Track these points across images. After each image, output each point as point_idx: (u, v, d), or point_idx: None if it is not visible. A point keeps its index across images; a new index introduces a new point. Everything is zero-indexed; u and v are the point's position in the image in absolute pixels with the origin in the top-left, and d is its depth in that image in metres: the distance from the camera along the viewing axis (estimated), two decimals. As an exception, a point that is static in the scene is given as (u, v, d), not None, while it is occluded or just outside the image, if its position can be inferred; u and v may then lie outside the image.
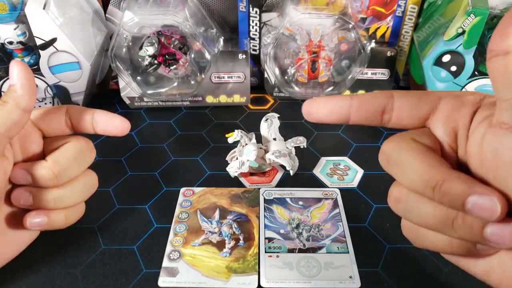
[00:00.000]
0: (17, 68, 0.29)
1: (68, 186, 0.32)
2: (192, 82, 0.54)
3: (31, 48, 0.49)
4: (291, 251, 0.36)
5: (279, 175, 0.45)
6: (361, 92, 0.56)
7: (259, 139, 0.46)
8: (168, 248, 0.36)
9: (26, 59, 0.49)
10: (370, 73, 0.54)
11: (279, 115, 0.46)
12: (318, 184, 0.43)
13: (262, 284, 0.33)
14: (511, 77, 0.20)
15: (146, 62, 0.51)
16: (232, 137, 0.43)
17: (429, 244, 0.26)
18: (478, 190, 0.22)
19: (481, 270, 0.25)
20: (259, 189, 0.42)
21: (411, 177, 0.24)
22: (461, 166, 0.25)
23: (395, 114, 0.26)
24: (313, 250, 0.36)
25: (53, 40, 0.46)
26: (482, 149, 0.23)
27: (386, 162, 0.26)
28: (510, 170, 0.21)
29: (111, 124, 0.34)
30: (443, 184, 0.22)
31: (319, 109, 0.28)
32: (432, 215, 0.24)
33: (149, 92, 0.53)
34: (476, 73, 0.46)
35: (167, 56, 0.51)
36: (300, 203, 0.41)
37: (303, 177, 0.44)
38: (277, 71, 0.55)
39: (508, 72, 0.20)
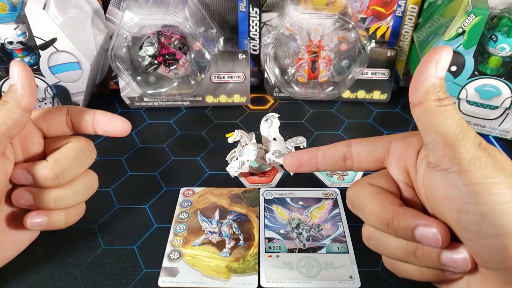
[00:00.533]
0: (17, 68, 0.29)
1: (69, 186, 0.32)
2: (192, 82, 0.54)
3: (31, 48, 0.49)
4: (291, 251, 0.36)
5: (279, 175, 0.45)
6: (361, 92, 0.56)
7: (259, 139, 0.46)
8: (168, 248, 0.36)
9: (26, 59, 0.49)
10: (370, 73, 0.54)
11: (279, 115, 0.46)
12: (318, 184, 0.43)
13: (262, 284, 0.33)
14: (427, 124, 0.24)
15: (146, 62, 0.51)
16: (232, 137, 0.43)
17: (406, 274, 0.28)
18: (421, 223, 0.25)
19: None
20: (259, 189, 0.42)
21: (370, 218, 0.27)
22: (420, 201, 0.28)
23: (355, 160, 0.30)
24: (313, 250, 0.36)
25: (53, 40, 0.46)
26: (424, 186, 0.26)
27: (351, 206, 0.29)
28: (442, 203, 0.24)
29: (112, 125, 0.34)
30: (393, 221, 0.26)
31: (293, 161, 0.32)
32: (397, 248, 0.27)
33: (149, 92, 0.53)
34: (476, 73, 0.46)
35: (167, 56, 0.51)
36: (300, 203, 0.41)
37: (303, 177, 0.44)
38: (277, 71, 0.55)
39: (424, 119, 0.24)
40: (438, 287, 0.29)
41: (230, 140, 0.43)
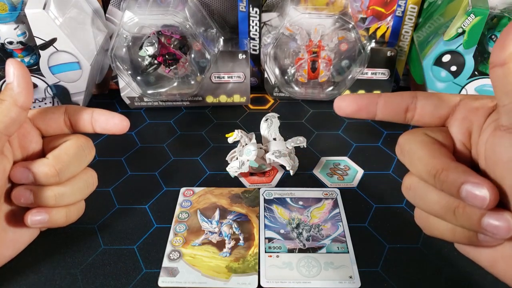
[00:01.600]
0: (13, 67, 0.29)
1: (69, 183, 0.32)
2: (192, 82, 0.54)
3: (31, 48, 0.49)
4: (291, 251, 0.36)
5: (279, 175, 0.45)
6: (361, 92, 0.55)
7: (259, 139, 0.46)
8: (168, 248, 0.36)
9: (26, 59, 0.49)
10: (370, 73, 0.54)
11: (279, 115, 0.46)
12: (318, 184, 0.43)
13: (262, 284, 0.33)
14: (507, 85, 0.23)
15: (146, 62, 0.51)
16: (232, 137, 0.43)
17: (436, 231, 0.28)
18: (471, 180, 0.24)
19: (486, 261, 0.26)
20: (259, 189, 0.42)
21: (417, 166, 0.27)
22: (473, 164, 0.27)
23: (418, 113, 0.29)
24: (313, 250, 0.36)
25: (53, 40, 0.46)
26: (486, 148, 0.25)
27: (400, 152, 0.29)
28: (506, 168, 0.23)
29: (111, 122, 0.35)
30: (442, 172, 0.25)
31: (350, 105, 0.30)
32: (437, 202, 0.26)
33: (149, 92, 0.53)
34: (476, 73, 0.46)
35: (167, 56, 0.51)
36: (300, 203, 0.41)
37: (303, 177, 0.44)
38: (277, 71, 0.55)
39: (505, 80, 0.23)
40: (462, 252, 0.28)
41: (230, 140, 0.43)
